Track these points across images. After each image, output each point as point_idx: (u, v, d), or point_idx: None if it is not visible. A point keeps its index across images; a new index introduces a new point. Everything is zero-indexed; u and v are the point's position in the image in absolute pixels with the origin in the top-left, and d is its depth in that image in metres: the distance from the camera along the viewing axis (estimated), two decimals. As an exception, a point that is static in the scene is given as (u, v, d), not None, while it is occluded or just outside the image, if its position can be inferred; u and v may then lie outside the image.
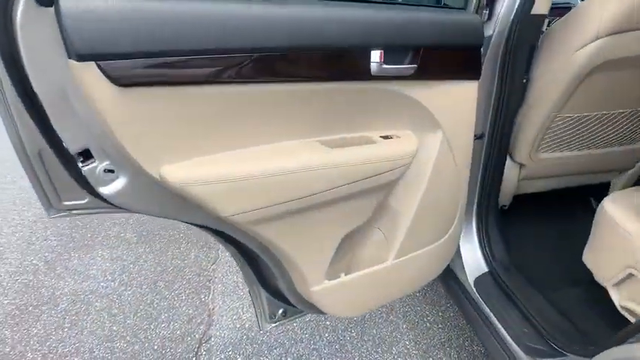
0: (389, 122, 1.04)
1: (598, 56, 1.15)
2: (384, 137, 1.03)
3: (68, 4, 0.59)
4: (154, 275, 2.22)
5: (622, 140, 1.51)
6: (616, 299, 1.14)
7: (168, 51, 0.68)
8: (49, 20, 0.61)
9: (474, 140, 1.31)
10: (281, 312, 1.26)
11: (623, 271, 1.10)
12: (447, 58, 1.01)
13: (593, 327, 1.24)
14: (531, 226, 1.69)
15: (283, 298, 1.21)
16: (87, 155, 0.76)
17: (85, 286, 2.14)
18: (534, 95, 1.32)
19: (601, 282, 1.20)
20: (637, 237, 1.06)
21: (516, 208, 1.65)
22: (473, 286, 1.39)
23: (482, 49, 1.21)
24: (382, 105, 1.00)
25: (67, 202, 0.90)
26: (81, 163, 0.76)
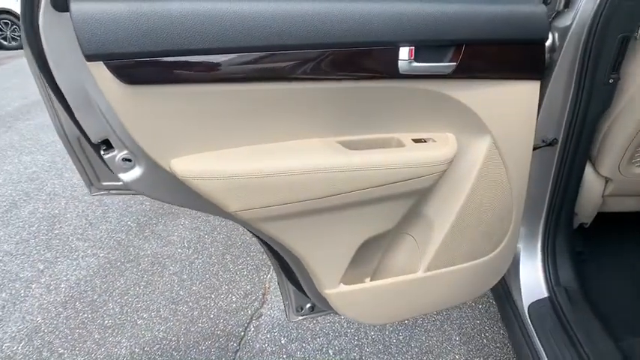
0: (424, 123, 0.95)
1: None
2: (416, 140, 0.94)
3: (77, 8, 0.64)
4: (223, 248, 2.38)
5: None
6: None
7: (171, 51, 0.69)
8: (67, 23, 0.66)
9: (544, 146, 1.14)
10: (308, 306, 1.26)
11: None
12: (497, 56, 0.88)
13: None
14: (616, 252, 1.43)
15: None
16: (108, 144, 0.82)
17: (164, 250, 2.38)
18: (627, 97, 1.08)
19: None
20: None
21: (600, 227, 1.40)
22: (526, 311, 1.23)
23: (559, 41, 1.03)
24: (415, 105, 0.91)
25: (105, 183, 0.99)
26: (103, 151, 0.82)
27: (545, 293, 1.24)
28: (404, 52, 0.81)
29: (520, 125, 0.98)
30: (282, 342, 1.78)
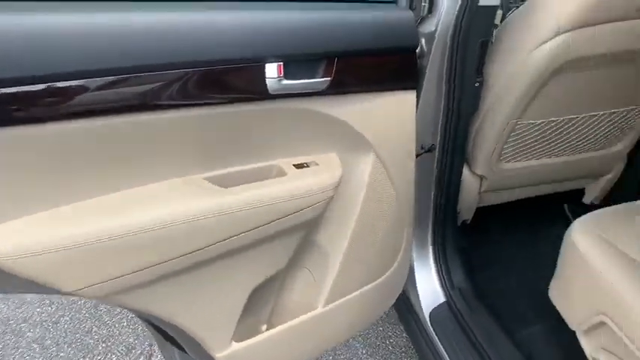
0: (305, 146, 0.85)
1: (559, 55, 0.96)
2: (297, 166, 0.84)
3: None
4: (96, 297, 2.03)
5: (597, 145, 1.33)
6: (586, 349, 0.95)
7: None
8: None
9: (424, 153, 1.13)
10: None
11: (593, 318, 0.91)
12: (369, 68, 0.82)
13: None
14: (498, 243, 1.51)
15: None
16: None
17: (18, 313, 1.94)
18: (490, 100, 1.12)
19: (570, 325, 1.01)
20: (609, 277, 0.87)
21: (481, 222, 1.47)
22: (428, 319, 1.22)
23: (426, 46, 1.01)
24: (292, 127, 0.80)
25: None
26: None
27: (442, 298, 1.24)
28: (272, 69, 0.70)
29: (401, 136, 0.94)
30: (179, 398, 1.55)
